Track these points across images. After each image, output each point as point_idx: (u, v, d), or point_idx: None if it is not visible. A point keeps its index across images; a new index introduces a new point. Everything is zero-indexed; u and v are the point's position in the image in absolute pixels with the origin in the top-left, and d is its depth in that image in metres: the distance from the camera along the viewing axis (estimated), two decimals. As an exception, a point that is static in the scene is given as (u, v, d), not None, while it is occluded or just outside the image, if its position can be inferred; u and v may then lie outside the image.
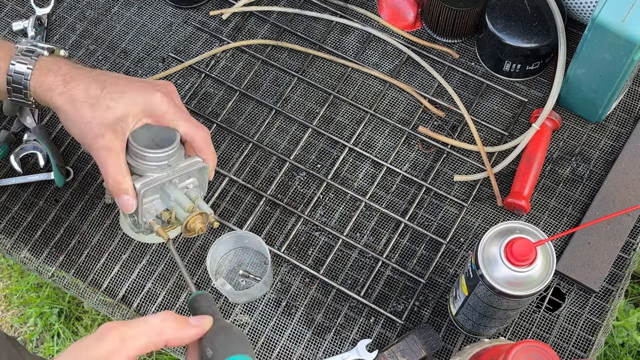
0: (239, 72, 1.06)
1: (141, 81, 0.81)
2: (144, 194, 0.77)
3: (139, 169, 0.78)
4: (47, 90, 0.77)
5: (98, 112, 0.76)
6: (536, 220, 0.95)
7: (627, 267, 0.92)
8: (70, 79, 0.77)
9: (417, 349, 0.86)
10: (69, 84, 0.77)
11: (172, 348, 0.90)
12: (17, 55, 0.78)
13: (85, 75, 0.78)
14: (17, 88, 0.78)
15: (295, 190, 0.98)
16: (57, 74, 0.78)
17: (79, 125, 0.77)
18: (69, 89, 0.77)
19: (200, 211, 0.78)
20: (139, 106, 0.77)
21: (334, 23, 1.08)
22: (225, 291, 0.89)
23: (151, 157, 0.77)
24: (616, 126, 1.00)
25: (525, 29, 0.97)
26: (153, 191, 0.79)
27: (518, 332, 0.90)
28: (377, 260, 0.94)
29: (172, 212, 0.79)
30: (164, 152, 0.77)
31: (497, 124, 1.01)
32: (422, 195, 0.97)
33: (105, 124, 0.76)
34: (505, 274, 0.72)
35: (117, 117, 0.76)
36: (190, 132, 0.80)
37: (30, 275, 1.60)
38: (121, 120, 0.76)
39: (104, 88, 0.77)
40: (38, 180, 0.98)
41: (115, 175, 0.76)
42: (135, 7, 1.11)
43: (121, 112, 0.76)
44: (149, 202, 0.80)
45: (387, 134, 1.01)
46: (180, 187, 0.80)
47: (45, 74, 0.78)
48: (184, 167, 0.80)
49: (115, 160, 0.76)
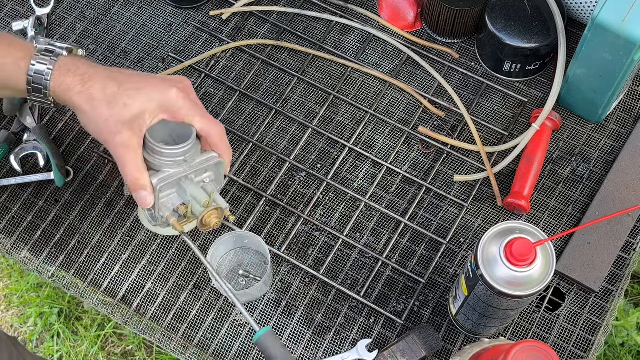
0: (239, 72, 1.06)
1: (157, 78, 0.82)
2: (160, 189, 0.78)
3: (156, 165, 0.79)
4: (66, 90, 0.78)
5: (115, 110, 0.77)
6: (536, 220, 0.95)
7: (627, 267, 0.92)
8: (88, 79, 0.78)
9: (417, 349, 0.86)
10: (87, 83, 0.78)
11: (172, 348, 0.90)
12: (36, 55, 0.79)
13: (102, 74, 0.79)
14: (37, 88, 0.79)
15: (295, 190, 0.98)
16: (75, 74, 0.79)
17: (97, 123, 0.78)
18: (87, 89, 0.78)
19: (216, 206, 0.79)
20: (155, 102, 0.78)
21: (334, 23, 1.08)
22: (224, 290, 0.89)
23: (168, 153, 0.78)
24: (616, 126, 1.00)
25: (525, 29, 0.97)
26: (170, 186, 0.80)
27: (518, 332, 0.90)
28: (377, 260, 0.94)
29: (188, 206, 0.80)
30: (180, 149, 0.78)
31: (497, 124, 1.01)
32: (422, 195, 0.97)
33: (123, 121, 0.77)
34: (505, 274, 0.72)
35: (134, 114, 0.77)
36: (205, 128, 0.80)
37: (30, 275, 1.60)
38: (138, 117, 0.77)
39: (121, 86, 0.78)
40: (38, 180, 0.98)
41: (132, 171, 0.77)
42: (135, 7, 1.11)
43: (138, 109, 0.77)
44: (165, 197, 0.80)
45: (387, 134, 1.01)
46: (197, 182, 0.81)
47: (65, 74, 0.79)
48: (200, 163, 0.80)
49: (133, 157, 0.77)
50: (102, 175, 0.99)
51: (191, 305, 0.92)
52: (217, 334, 0.91)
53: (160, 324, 0.91)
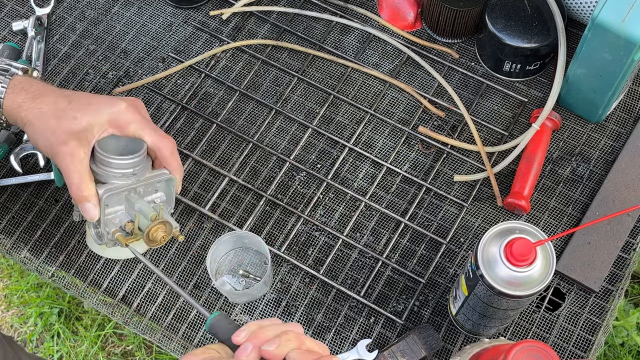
0: (239, 72, 1.06)
1: (109, 96, 0.82)
2: (106, 201, 0.77)
3: (104, 177, 0.78)
4: (17, 107, 0.78)
5: (64, 122, 0.77)
6: (536, 220, 0.95)
7: (627, 267, 0.92)
8: (39, 95, 0.79)
9: (417, 349, 0.86)
10: (37, 99, 0.78)
11: (172, 348, 0.90)
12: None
13: (54, 92, 0.79)
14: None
15: (295, 190, 0.98)
16: (27, 92, 0.79)
17: (45, 135, 0.77)
18: (37, 104, 0.78)
19: (163, 220, 0.78)
20: (105, 116, 0.78)
21: (334, 23, 1.08)
22: (225, 291, 0.89)
23: (116, 164, 0.77)
24: (616, 126, 1.00)
25: (525, 29, 0.97)
26: (117, 201, 0.78)
27: (518, 332, 0.90)
28: (377, 260, 0.94)
29: (135, 222, 0.78)
30: (129, 159, 0.77)
31: (497, 124, 1.01)
32: (422, 195, 0.97)
33: (70, 132, 0.76)
34: (505, 274, 0.72)
35: (83, 126, 0.77)
36: (156, 142, 0.80)
37: (30, 275, 1.60)
38: (86, 129, 0.77)
39: (71, 102, 0.78)
40: (38, 180, 0.98)
41: (77, 181, 0.76)
42: (135, 7, 1.11)
43: (87, 122, 0.77)
44: (112, 213, 0.79)
45: (387, 134, 1.01)
46: (146, 200, 0.80)
47: (17, 92, 0.79)
48: (150, 177, 0.80)
49: (77, 167, 0.76)
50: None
51: (191, 305, 0.92)
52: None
53: (160, 324, 0.91)
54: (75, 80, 1.06)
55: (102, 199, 0.76)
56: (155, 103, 1.04)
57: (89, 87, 1.05)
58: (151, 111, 1.03)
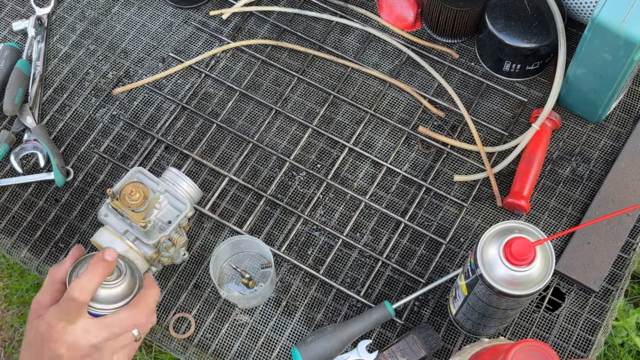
0: (239, 72, 1.06)
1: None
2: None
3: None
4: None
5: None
6: (536, 220, 0.95)
7: (627, 267, 0.92)
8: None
9: (417, 348, 0.86)
10: None
11: (172, 348, 0.90)
12: None
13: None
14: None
15: (295, 190, 0.98)
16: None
17: None
18: None
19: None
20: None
21: (334, 23, 1.09)
22: (234, 297, 0.89)
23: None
24: (616, 126, 1.00)
25: (525, 29, 0.97)
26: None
27: (518, 332, 0.90)
28: (377, 260, 0.94)
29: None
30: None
31: (497, 124, 1.01)
32: (422, 195, 0.97)
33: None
34: (504, 273, 0.72)
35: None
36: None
37: (30, 275, 1.60)
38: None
39: None
40: (38, 180, 0.98)
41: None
42: (135, 7, 1.11)
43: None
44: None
45: (387, 134, 1.01)
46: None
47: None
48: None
49: None
50: (102, 175, 0.99)
51: (191, 305, 0.92)
52: (217, 334, 0.91)
53: (160, 324, 0.91)
54: (75, 80, 1.06)
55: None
56: (155, 103, 1.04)
57: (89, 87, 1.05)
58: (151, 111, 1.03)
